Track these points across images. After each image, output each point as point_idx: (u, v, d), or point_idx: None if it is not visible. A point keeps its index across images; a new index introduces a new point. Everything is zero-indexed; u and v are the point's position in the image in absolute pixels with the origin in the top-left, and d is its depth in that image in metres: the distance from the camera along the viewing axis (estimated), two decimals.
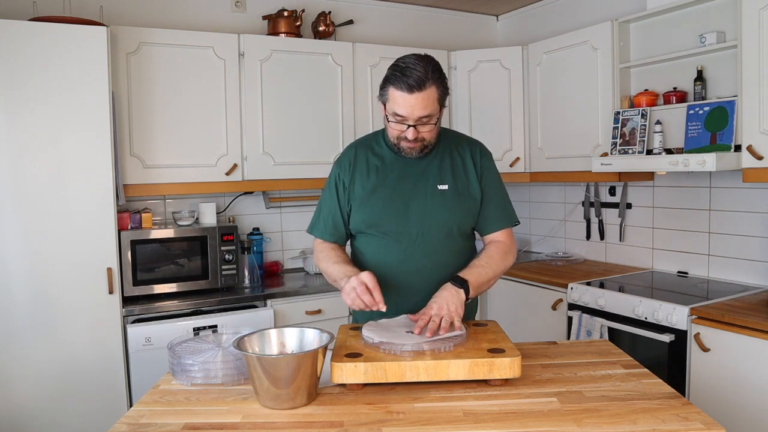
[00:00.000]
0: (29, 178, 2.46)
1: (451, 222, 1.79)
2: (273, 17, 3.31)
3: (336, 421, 1.26)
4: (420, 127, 1.69)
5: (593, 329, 2.73)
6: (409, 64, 1.64)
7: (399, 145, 1.75)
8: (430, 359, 1.40)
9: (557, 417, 1.26)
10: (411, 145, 1.73)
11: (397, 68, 1.65)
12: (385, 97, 1.69)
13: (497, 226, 1.84)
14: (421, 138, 1.71)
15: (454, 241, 1.82)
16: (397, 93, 1.64)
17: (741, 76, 2.46)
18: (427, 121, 1.68)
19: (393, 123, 1.69)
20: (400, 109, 1.65)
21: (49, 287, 2.50)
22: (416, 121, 1.67)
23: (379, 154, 1.83)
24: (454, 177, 1.81)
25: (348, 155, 1.87)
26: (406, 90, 1.63)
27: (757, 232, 2.77)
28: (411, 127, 1.68)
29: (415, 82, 1.62)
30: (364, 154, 1.85)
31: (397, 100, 1.65)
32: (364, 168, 1.82)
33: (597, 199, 3.53)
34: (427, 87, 1.63)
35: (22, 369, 2.47)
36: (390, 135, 1.76)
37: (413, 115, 1.65)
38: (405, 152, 1.76)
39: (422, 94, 1.63)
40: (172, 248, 2.86)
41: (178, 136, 2.93)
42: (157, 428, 1.25)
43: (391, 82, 1.65)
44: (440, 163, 1.81)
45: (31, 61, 2.44)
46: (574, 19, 3.56)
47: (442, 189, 1.79)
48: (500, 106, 3.61)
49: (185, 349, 1.58)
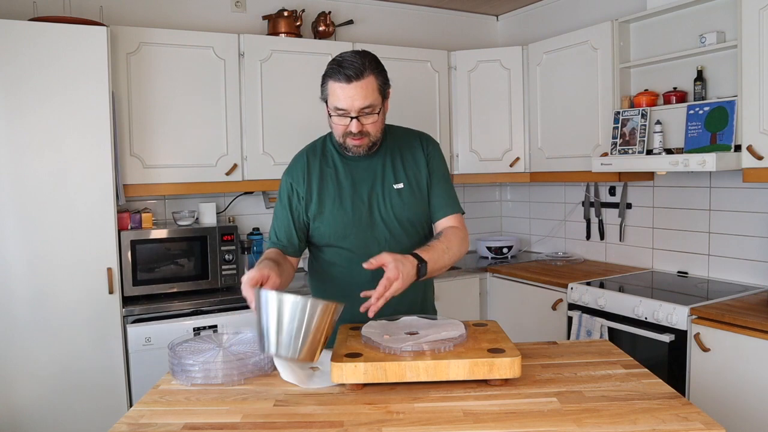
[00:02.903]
0: (29, 178, 2.46)
1: (414, 219, 1.80)
2: (273, 17, 3.31)
3: (336, 421, 1.26)
4: (363, 119, 1.67)
5: (593, 329, 2.73)
6: (346, 57, 1.66)
7: (345, 143, 1.72)
8: (430, 359, 1.40)
9: (557, 417, 1.26)
10: (357, 142, 1.70)
11: (334, 62, 1.66)
12: (326, 94, 1.69)
13: (449, 210, 1.82)
14: (366, 132, 1.69)
15: (420, 236, 1.83)
16: (336, 85, 1.64)
17: (741, 76, 2.46)
18: (369, 111, 1.67)
19: (336, 118, 1.68)
20: (341, 102, 1.65)
21: (50, 287, 2.50)
22: (358, 113, 1.66)
23: (330, 161, 1.80)
24: (406, 173, 1.80)
25: (299, 165, 1.81)
26: (344, 81, 1.63)
27: (757, 232, 2.77)
28: (354, 119, 1.66)
29: (353, 72, 1.63)
30: (317, 162, 1.80)
31: (336, 93, 1.65)
32: (318, 177, 1.78)
33: (597, 199, 3.53)
34: (365, 76, 1.64)
35: (22, 369, 2.47)
36: (335, 133, 1.73)
37: (354, 106, 1.65)
38: (352, 151, 1.73)
39: (361, 83, 1.63)
40: (172, 248, 2.86)
41: (178, 136, 2.93)
42: (157, 428, 1.25)
43: (329, 76, 1.66)
44: (392, 162, 1.80)
45: (32, 61, 2.44)
46: (574, 19, 3.56)
47: (398, 188, 1.78)
48: (500, 106, 3.61)
49: (185, 349, 1.58)
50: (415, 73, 3.52)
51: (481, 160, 3.65)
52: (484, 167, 3.65)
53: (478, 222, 4.21)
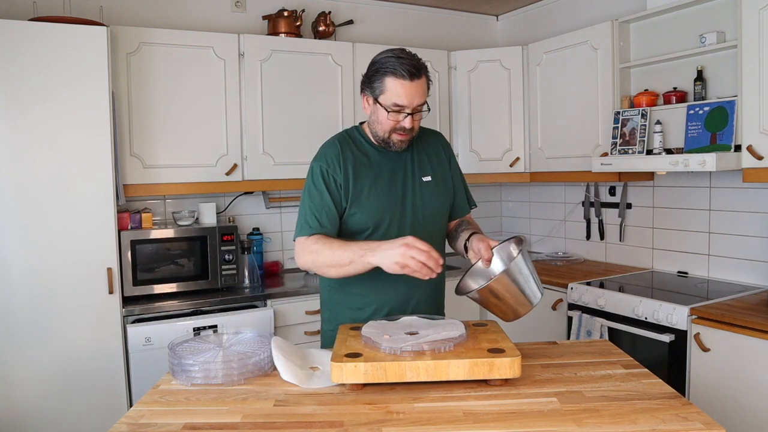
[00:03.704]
0: (29, 178, 2.46)
1: (440, 211, 1.87)
2: (273, 17, 3.31)
3: (336, 421, 1.26)
4: (415, 115, 1.71)
5: (593, 329, 2.73)
6: (399, 54, 1.67)
7: (389, 138, 1.74)
8: (430, 359, 1.40)
9: (557, 417, 1.26)
10: (403, 137, 1.74)
11: (390, 59, 1.67)
12: (380, 90, 1.69)
13: (467, 210, 1.99)
14: (412, 128, 1.73)
15: (442, 227, 1.90)
16: (397, 81, 1.65)
17: (741, 76, 2.46)
18: (421, 109, 1.71)
19: (391, 114, 1.69)
20: (401, 98, 1.66)
21: (50, 287, 2.50)
22: (414, 110, 1.69)
23: (363, 151, 1.81)
24: (432, 168, 1.86)
25: (332, 151, 1.78)
26: (407, 77, 1.65)
27: (757, 232, 2.77)
28: (409, 116, 1.69)
29: (415, 69, 1.66)
30: (349, 150, 1.79)
31: (397, 89, 1.66)
32: (353, 164, 1.76)
33: (597, 199, 3.53)
34: (423, 74, 1.69)
35: (22, 369, 2.47)
36: (382, 128, 1.74)
37: (413, 103, 1.68)
38: (395, 145, 1.76)
39: (420, 81, 1.68)
40: (172, 248, 2.86)
41: (178, 136, 2.93)
42: (157, 428, 1.25)
43: (388, 71, 1.66)
44: (418, 156, 1.84)
45: (31, 61, 2.44)
46: (574, 19, 3.56)
47: (426, 181, 1.83)
48: (500, 106, 3.61)
49: (186, 349, 1.58)
50: None
51: (481, 160, 3.65)
52: (484, 167, 3.65)
53: (478, 222, 4.19)
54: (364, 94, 1.76)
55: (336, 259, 1.63)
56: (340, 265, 1.63)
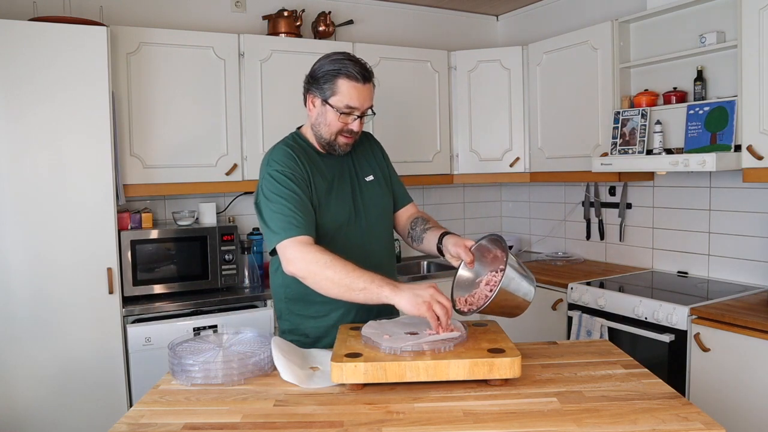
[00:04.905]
0: (29, 178, 2.46)
1: (387, 207, 1.91)
2: (273, 17, 3.31)
3: (336, 421, 1.26)
4: (362, 118, 1.74)
5: (593, 329, 2.73)
6: (350, 57, 1.70)
7: (335, 140, 1.75)
8: (430, 359, 1.40)
9: (557, 417, 1.26)
10: (349, 140, 1.76)
11: (342, 61, 1.68)
12: (331, 91, 1.69)
13: (409, 199, 2.01)
14: (358, 131, 1.76)
15: (390, 223, 1.96)
16: (351, 84, 1.67)
17: (741, 76, 2.46)
18: (368, 112, 1.74)
19: (341, 116, 1.70)
20: (353, 100, 1.68)
21: (49, 287, 2.50)
22: (362, 113, 1.72)
23: (311, 157, 1.78)
24: (372, 167, 1.90)
25: (289, 157, 1.72)
26: (360, 80, 1.67)
27: (757, 232, 2.77)
28: (358, 119, 1.72)
29: (367, 73, 1.70)
30: (303, 156, 1.75)
31: (350, 91, 1.67)
32: (310, 170, 1.74)
33: (597, 199, 3.53)
34: (371, 78, 1.72)
35: (22, 369, 2.47)
36: (328, 130, 1.73)
37: (364, 105, 1.70)
38: (340, 148, 1.77)
39: (370, 84, 1.72)
40: (172, 248, 2.86)
41: (178, 136, 2.93)
42: (157, 428, 1.25)
43: (341, 73, 1.67)
44: (357, 158, 1.87)
45: (31, 61, 2.44)
46: (574, 19, 3.56)
47: (369, 180, 1.87)
48: (500, 106, 3.61)
49: (186, 349, 1.58)
50: (415, 73, 3.53)
51: (481, 160, 3.65)
52: (484, 167, 3.65)
53: (478, 222, 4.21)
54: (310, 94, 1.75)
55: (348, 280, 1.51)
56: (351, 288, 1.51)
